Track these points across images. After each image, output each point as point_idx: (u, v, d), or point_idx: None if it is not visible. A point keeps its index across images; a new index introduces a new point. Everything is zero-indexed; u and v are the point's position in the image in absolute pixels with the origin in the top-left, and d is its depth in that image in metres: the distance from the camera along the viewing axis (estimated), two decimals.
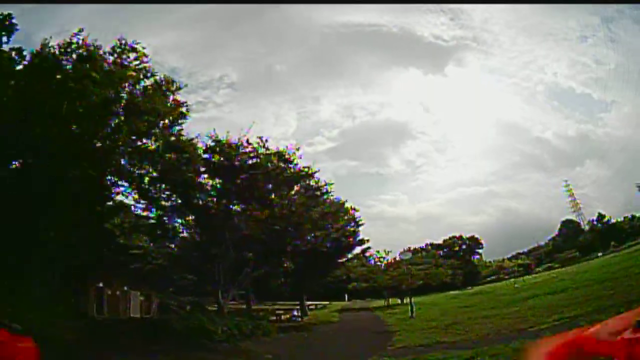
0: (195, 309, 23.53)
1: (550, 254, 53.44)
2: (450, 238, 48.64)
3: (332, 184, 26.81)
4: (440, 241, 49.29)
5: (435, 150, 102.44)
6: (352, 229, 32.41)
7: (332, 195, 28.34)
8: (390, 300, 37.44)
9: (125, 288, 21.49)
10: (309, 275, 32.44)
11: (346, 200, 31.91)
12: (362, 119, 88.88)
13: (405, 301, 35.94)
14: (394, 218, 73.47)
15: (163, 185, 21.18)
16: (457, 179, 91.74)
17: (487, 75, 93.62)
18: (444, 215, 77.24)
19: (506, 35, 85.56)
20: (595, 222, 54.04)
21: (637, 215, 48.96)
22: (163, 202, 21.89)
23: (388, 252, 38.92)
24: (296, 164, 23.46)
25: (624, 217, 51.90)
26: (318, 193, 26.33)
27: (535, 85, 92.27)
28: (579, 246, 51.18)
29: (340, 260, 34.55)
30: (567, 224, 55.73)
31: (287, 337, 19.52)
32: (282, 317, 29.10)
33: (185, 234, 25.21)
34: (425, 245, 48.82)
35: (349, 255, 34.61)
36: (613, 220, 51.95)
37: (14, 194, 15.00)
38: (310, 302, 37.64)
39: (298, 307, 33.16)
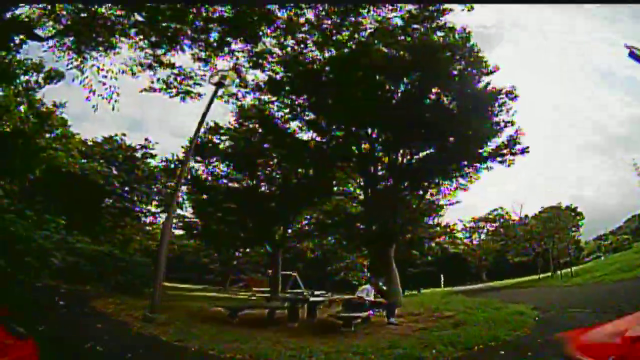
0: None
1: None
2: (545, 209, 33.66)
3: None
4: (534, 212, 34.24)
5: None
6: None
7: None
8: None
9: None
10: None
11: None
12: None
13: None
14: (464, 207, 69.59)
15: None
16: (521, 167, 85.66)
17: (531, 61, 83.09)
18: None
19: (539, 17, 75.91)
20: None
21: None
22: None
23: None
24: None
25: None
26: None
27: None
28: None
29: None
30: None
31: None
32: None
33: None
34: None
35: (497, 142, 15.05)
36: None
37: None
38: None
39: (368, 286, 13.20)
